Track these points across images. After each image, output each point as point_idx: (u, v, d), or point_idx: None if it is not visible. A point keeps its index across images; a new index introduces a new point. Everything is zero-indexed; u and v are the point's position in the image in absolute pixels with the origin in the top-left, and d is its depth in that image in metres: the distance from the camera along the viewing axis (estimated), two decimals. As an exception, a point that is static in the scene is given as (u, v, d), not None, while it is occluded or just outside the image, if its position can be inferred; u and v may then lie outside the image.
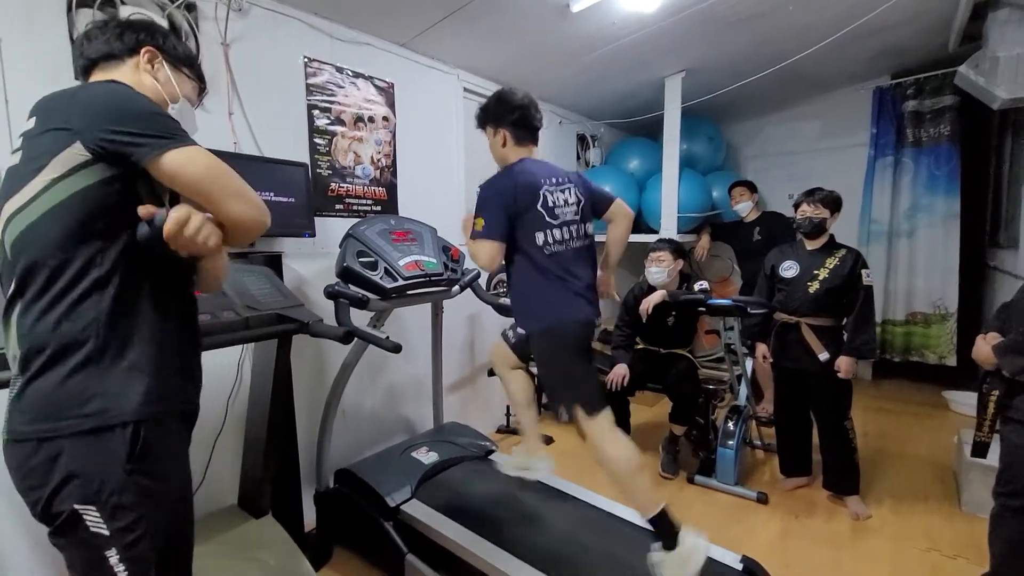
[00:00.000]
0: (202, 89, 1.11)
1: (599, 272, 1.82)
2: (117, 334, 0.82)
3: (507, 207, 1.56)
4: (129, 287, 0.84)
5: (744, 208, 3.44)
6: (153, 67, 0.98)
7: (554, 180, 1.64)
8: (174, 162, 0.82)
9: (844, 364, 2.21)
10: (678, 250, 2.73)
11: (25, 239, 0.80)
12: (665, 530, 1.48)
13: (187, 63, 1.05)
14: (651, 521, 1.50)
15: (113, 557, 0.80)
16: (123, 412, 0.80)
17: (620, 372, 2.64)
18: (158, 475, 0.85)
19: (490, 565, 1.66)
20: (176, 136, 0.84)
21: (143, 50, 0.97)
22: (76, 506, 0.78)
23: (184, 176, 0.84)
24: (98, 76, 0.95)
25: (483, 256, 1.57)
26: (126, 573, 0.80)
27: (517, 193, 1.57)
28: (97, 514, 0.79)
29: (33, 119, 0.84)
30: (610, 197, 1.81)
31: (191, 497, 0.97)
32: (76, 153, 0.79)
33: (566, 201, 1.65)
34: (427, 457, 2.19)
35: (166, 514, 0.87)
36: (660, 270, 2.66)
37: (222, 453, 1.91)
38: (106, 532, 0.79)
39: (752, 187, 3.48)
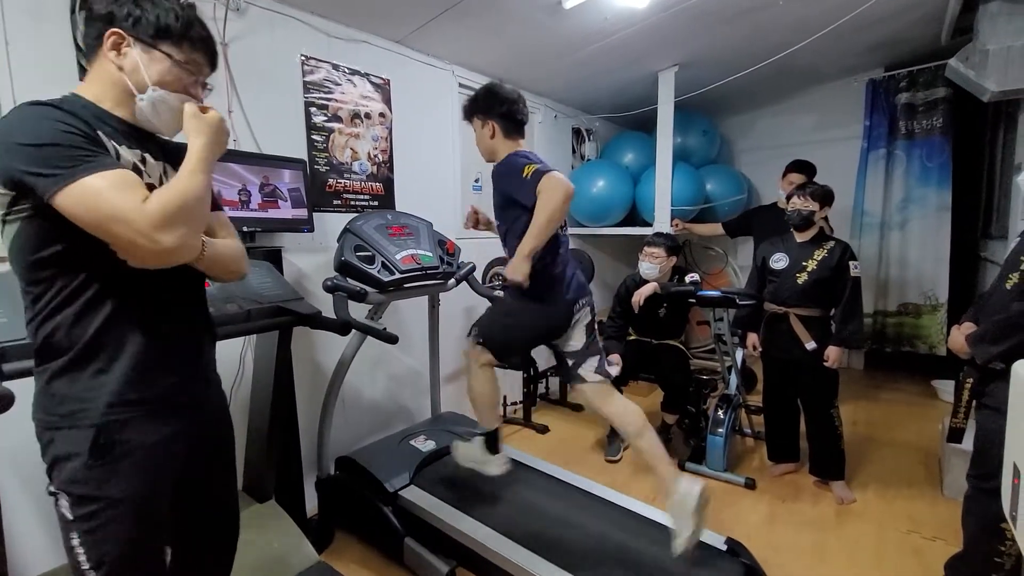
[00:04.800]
0: (201, 63, 0.95)
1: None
2: (87, 343, 0.86)
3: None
4: (98, 298, 0.86)
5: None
6: (120, 53, 0.87)
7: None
8: (64, 202, 0.76)
9: (832, 353, 2.27)
10: (672, 247, 2.78)
11: (10, 264, 0.86)
12: (491, 442, 1.85)
13: (164, 36, 0.89)
14: (486, 436, 1.85)
15: (75, 539, 0.87)
16: (89, 416, 0.86)
17: (613, 363, 2.70)
18: (119, 474, 0.88)
19: (484, 547, 1.73)
20: (63, 172, 0.76)
21: (106, 36, 0.87)
22: (54, 489, 0.87)
23: (75, 218, 0.78)
24: (87, 77, 0.91)
25: (562, 179, 1.52)
26: (84, 556, 0.87)
27: (540, 162, 1.61)
28: (67, 500, 0.86)
29: None
30: None
31: (164, 494, 0.95)
32: (2, 192, 0.78)
33: None
34: (424, 445, 2.26)
35: (128, 511, 0.89)
36: (652, 266, 2.72)
37: (226, 441, 1.97)
38: (70, 516, 0.86)
39: (811, 174, 3.01)
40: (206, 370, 1.07)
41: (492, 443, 1.89)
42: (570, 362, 1.79)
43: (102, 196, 0.77)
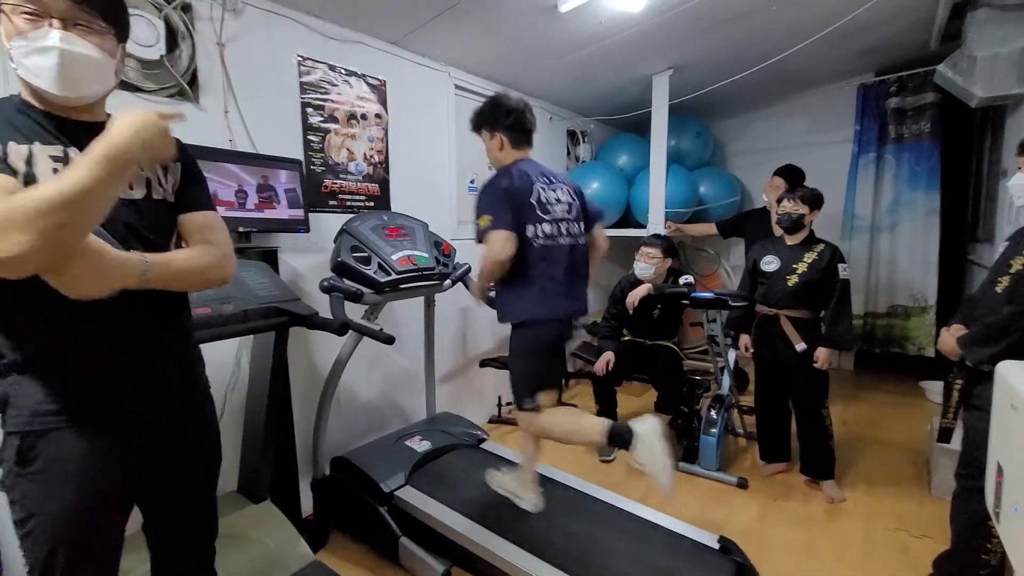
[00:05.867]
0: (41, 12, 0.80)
1: None
2: (12, 349, 0.84)
3: (509, 200, 1.63)
4: (23, 303, 0.82)
5: (768, 202, 3.13)
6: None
7: (547, 179, 1.74)
8: None
9: (821, 355, 2.30)
10: (669, 248, 2.81)
11: None
12: (623, 438, 1.64)
13: None
14: (609, 440, 1.65)
15: (20, 542, 0.88)
16: (15, 423, 0.85)
17: (606, 358, 2.72)
18: (45, 483, 0.86)
19: (480, 546, 1.75)
20: None
21: None
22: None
23: None
24: None
25: (496, 243, 1.60)
26: (24, 560, 0.88)
27: (514, 187, 1.64)
28: (6, 501, 0.87)
29: None
30: (597, 215, 1.95)
31: (103, 507, 0.91)
32: None
33: (558, 200, 1.74)
34: (420, 445, 2.27)
35: (60, 521, 0.86)
36: (647, 266, 2.74)
37: (221, 442, 1.97)
38: (12, 518, 0.88)
39: (791, 180, 3.03)
40: (165, 379, 0.99)
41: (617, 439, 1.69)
42: None
43: None
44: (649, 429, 1.59)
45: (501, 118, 1.72)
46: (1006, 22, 2.59)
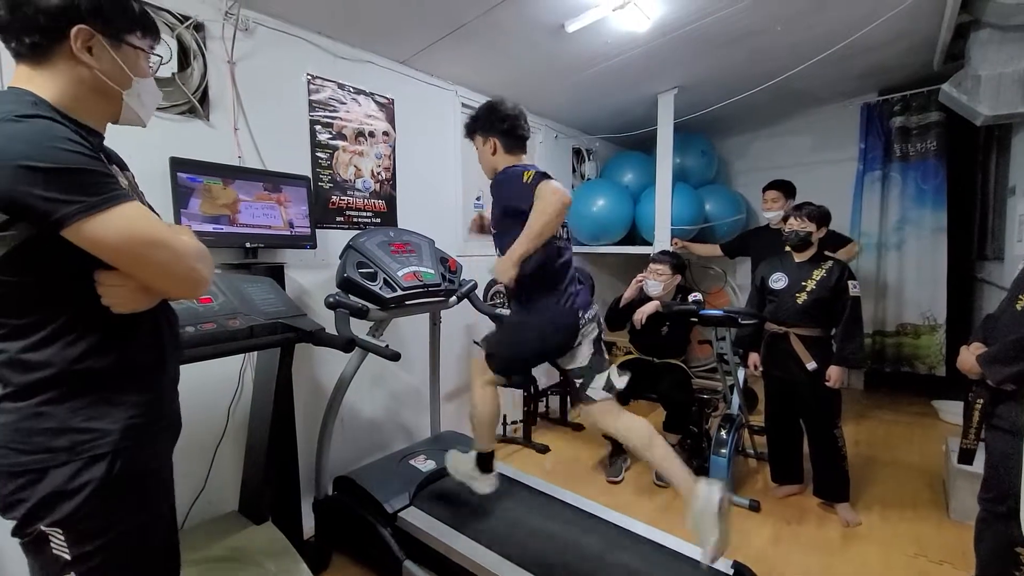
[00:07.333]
0: (157, 42, 0.92)
1: None
2: (85, 374, 0.81)
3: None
4: (92, 330, 0.81)
5: (774, 217, 3.14)
6: (92, 53, 0.80)
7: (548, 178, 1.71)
8: (93, 232, 0.73)
9: (833, 373, 2.26)
10: (678, 265, 2.80)
11: None
12: (485, 463, 1.85)
13: (132, 28, 0.85)
14: (479, 455, 1.84)
15: None
16: (102, 445, 0.81)
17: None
18: (130, 502, 0.85)
19: (487, 571, 1.69)
20: (96, 201, 0.73)
21: (73, 32, 0.77)
22: (44, 528, 0.79)
23: (103, 249, 0.75)
24: (21, 77, 0.80)
25: (558, 191, 1.50)
26: None
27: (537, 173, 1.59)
28: (62, 538, 0.79)
29: None
30: None
31: (167, 515, 0.94)
32: None
33: None
34: (425, 465, 2.22)
35: (136, 539, 0.86)
36: (656, 283, 2.72)
37: (223, 460, 1.94)
38: (68, 556, 0.80)
39: (788, 191, 3.11)
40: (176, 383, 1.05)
41: (485, 463, 1.88)
42: (577, 382, 1.76)
43: (140, 223, 0.77)
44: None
45: (496, 123, 1.70)
46: (1009, 42, 2.61)
